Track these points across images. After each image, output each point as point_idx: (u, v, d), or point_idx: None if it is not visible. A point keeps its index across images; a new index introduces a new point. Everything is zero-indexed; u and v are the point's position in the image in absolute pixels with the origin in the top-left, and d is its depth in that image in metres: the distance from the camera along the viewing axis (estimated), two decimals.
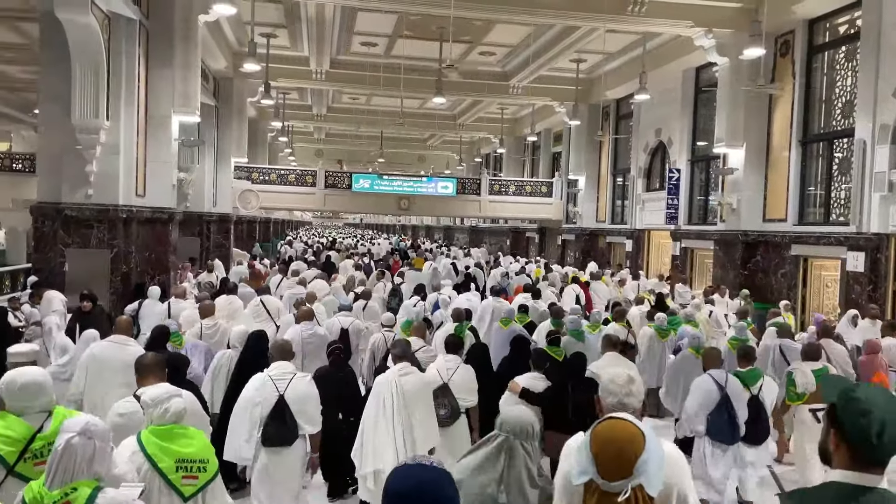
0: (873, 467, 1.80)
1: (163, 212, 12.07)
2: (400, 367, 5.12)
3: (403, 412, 4.93)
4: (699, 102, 17.20)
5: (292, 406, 4.61)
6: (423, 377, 5.29)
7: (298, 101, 27.17)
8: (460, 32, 17.54)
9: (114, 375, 5.38)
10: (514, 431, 2.99)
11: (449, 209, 24.87)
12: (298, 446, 4.76)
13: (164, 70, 12.01)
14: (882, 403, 1.80)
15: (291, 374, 4.77)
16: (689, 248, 17.09)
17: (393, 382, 4.99)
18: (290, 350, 5.08)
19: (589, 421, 2.89)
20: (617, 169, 21.58)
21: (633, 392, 2.63)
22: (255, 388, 4.69)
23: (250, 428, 4.60)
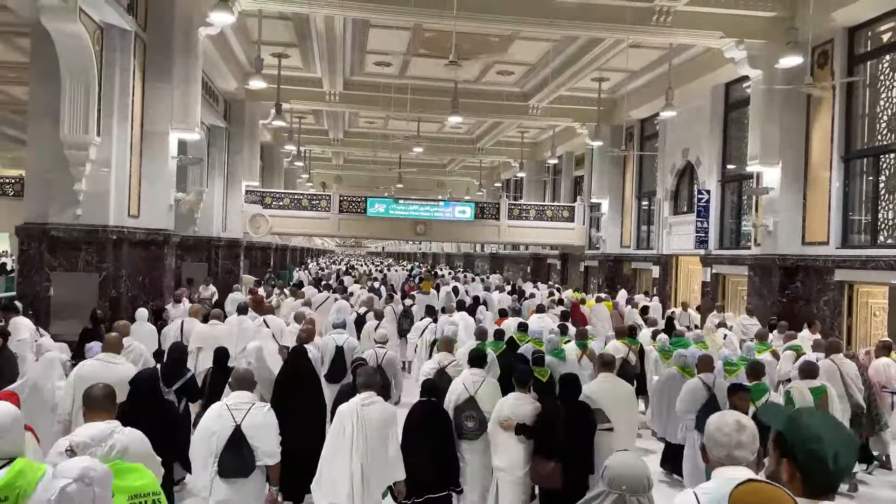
0: (825, 495, 1.79)
1: (158, 234, 11.40)
2: (364, 397, 4.89)
3: (364, 444, 4.73)
4: (729, 120, 16.28)
5: (249, 436, 4.43)
6: (387, 408, 5.03)
7: (315, 125, 26.71)
8: (477, 50, 16.91)
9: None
10: (631, 488, 2.74)
11: (467, 234, 24.05)
12: (256, 478, 4.54)
13: (161, 85, 11.44)
14: (830, 428, 1.81)
15: (249, 403, 4.58)
16: (721, 275, 16.03)
17: (355, 412, 4.79)
18: (250, 379, 4.82)
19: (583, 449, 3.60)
20: (642, 192, 20.63)
21: (743, 442, 2.30)
22: (212, 417, 4.54)
23: (206, 458, 4.44)
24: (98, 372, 5.34)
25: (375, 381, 5.10)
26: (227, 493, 4.45)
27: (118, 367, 5.56)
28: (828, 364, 7.33)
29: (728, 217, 16.21)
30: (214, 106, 17.50)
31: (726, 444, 2.30)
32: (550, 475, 5.08)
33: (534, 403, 5.37)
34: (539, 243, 25.99)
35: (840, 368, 7.25)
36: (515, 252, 33.36)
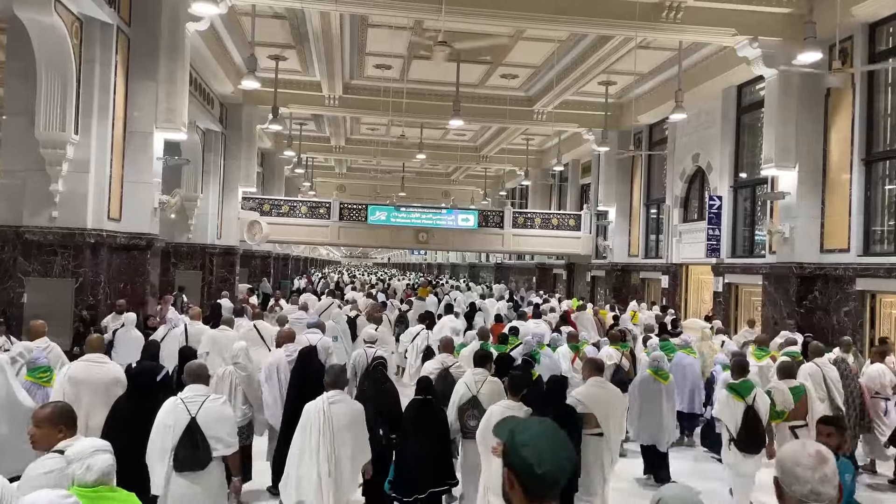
0: (546, 499, 1.78)
1: (140, 238, 10.83)
2: (330, 395, 4.93)
3: (330, 442, 4.75)
4: (742, 123, 15.65)
5: (205, 428, 4.41)
6: (354, 406, 5.05)
7: (316, 132, 26.21)
8: (479, 52, 16.36)
9: (93, 395, 5.48)
10: None
11: (470, 243, 23.43)
12: (213, 471, 4.51)
13: (146, 82, 10.92)
14: (541, 436, 1.82)
15: (204, 396, 4.59)
16: (734, 284, 15.35)
17: (321, 410, 4.82)
18: (204, 374, 4.82)
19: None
20: (650, 199, 19.98)
21: (828, 477, 2.05)
22: (167, 411, 4.49)
23: (162, 452, 4.40)
24: (87, 372, 5.61)
25: (342, 379, 5.12)
26: (184, 488, 4.40)
27: (106, 366, 5.75)
28: (811, 367, 7.58)
29: (741, 224, 15.54)
30: (209, 109, 17.01)
31: (808, 478, 2.04)
32: None
33: (524, 410, 5.09)
34: (544, 252, 25.33)
35: (823, 372, 7.51)
36: (520, 262, 32.73)
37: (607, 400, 5.68)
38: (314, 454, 4.72)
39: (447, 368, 6.80)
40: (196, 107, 16.03)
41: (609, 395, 5.79)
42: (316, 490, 4.67)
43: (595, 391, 5.74)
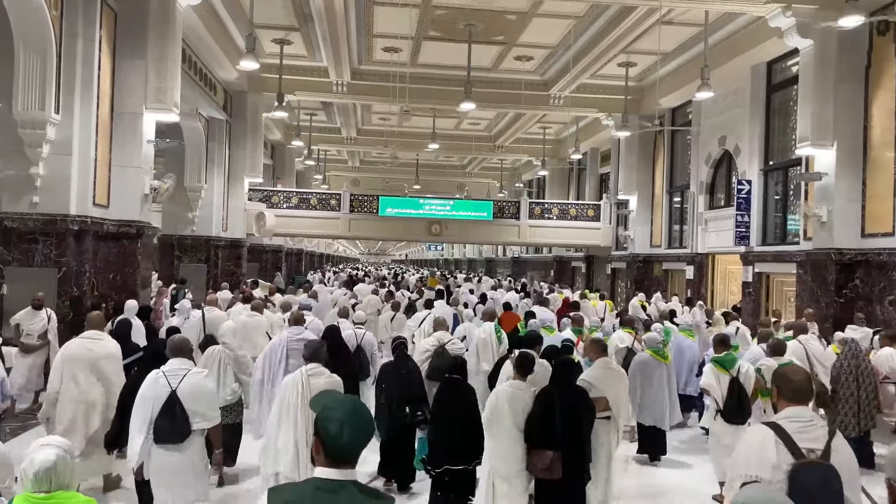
0: (344, 464, 2.13)
1: (130, 226, 10.19)
2: (309, 367, 4.98)
3: (308, 414, 4.63)
4: (772, 102, 14.68)
5: (185, 401, 4.45)
6: (332, 379, 4.99)
7: (326, 123, 25.55)
8: (492, 31, 15.56)
9: (87, 371, 5.68)
10: None
11: (485, 235, 22.64)
12: (193, 444, 4.52)
13: (134, 61, 10.27)
14: (343, 408, 2.18)
15: (185, 369, 4.61)
16: (765, 274, 14.41)
17: (300, 382, 4.83)
18: (185, 348, 4.83)
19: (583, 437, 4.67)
20: (673, 186, 19.05)
21: None
22: (149, 384, 4.54)
23: (142, 423, 4.45)
24: (83, 349, 5.78)
25: (322, 353, 5.14)
26: (164, 460, 4.44)
27: (102, 342, 5.90)
28: (794, 344, 7.65)
29: (772, 210, 14.59)
30: (212, 96, 16.39)
31: None
32: (550, 467, 4.82)
33: (530, 391, 5.05)
34: (562, 244, 24.47)
35: (806, 348, 7.66)
36: (538, 255, 31.86)
37: (615, 381, 5.67)
38: (292, 426, 4.75)
39: (443, 345, 7.28)
40: (197, 92, 15.43)
41: (616, 375, 5.79)
42: (293, 461, 4.70)
43: (604, 373, 5.68)
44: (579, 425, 5.01)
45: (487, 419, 5.02)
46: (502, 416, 4.91)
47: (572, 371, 5.37)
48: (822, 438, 2.91)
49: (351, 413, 2.17)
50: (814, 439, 2.90)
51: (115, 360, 5.87)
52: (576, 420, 4.97)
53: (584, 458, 5.07)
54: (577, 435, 4.97)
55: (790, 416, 2.98)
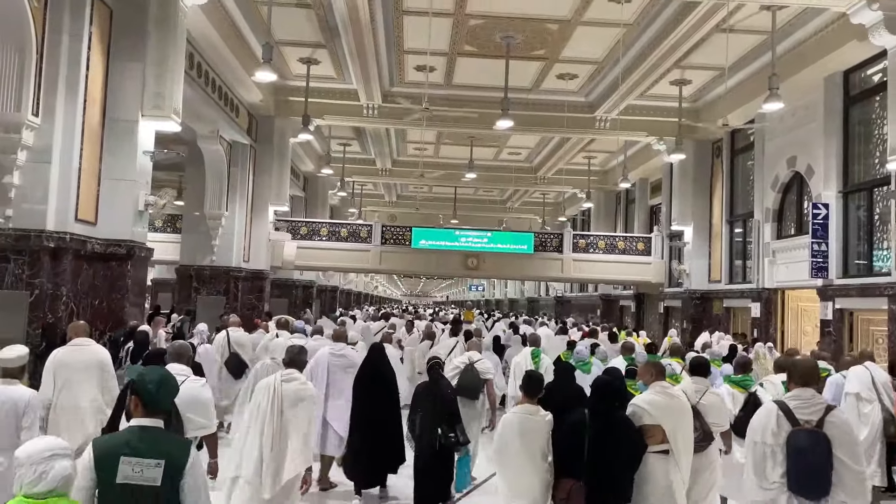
0: (156, 414, 2.94)
1: (120, 245, 9.04)
2: (284, 373, 5.00)
3: (278, 419, 4.76)
4: (850, 116, 12.99)
5: (181, 408, 4.26)
6: (306, 387, 5.04)
7: (360, 153, 24.60)
8: (531, 44, 14.31)
9: (81, 377, 5.82)
10: None
11: (525, 269, 21.06)
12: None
13: (131, 63, 9.28)
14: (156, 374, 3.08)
15: (184, 376, 4.55)
16: (847, 311, 12.51)
17: (272, 387, 4.86)
18: (185, 354, 4.90)
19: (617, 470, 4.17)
20: (734, 215, 17.28)
21: None
22: None
23: None
24: (71, 356, 5.90)
25: (300, 359, 5.19)
26: None
27: (90, 348, 6.04)
28: (860, 369, 7.41)
29: (855, 237, 12.76)
30: (234, 118, 15.46)
31: None
32: (570, 496, 4.40)
33: (541, 415, 4.71)
34: (609, 280, 22.69)
35: (872, 373, 7.37)
36: (583, 295, 30.07)
37: (675, 410, 4.76)
38: (259, 431, 4.73)
39: (472, 363, 7.51)
40: (218, 113, 14.53)
41: (677, 404, 4.83)
42: (255, 465, 4.66)
43: (661, 399, 4.76)
44: (615, 456, 4.37)
45: (495, 448, 4.76)
46: (509, 445, 4.56)
47: (610, 393, 4.69)
48: (819, 413, 3.74)
49: (162, 377, 3.07)
50: (811, 413, 3.74)
51: (105, 366, 6.04)
52: (610, 448, 4.37)
53: (619, 495, 4.42)
54: (610, 467, 4.36)
55: (794, 396, 3.86)
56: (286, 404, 4.78)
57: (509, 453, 4.56)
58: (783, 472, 3.72)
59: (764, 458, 3.80)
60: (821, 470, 3.65)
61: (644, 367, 5.26)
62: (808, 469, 3.67)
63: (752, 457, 3.85)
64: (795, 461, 3.69)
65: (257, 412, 4.79)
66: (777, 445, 3.75)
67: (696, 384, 5.50)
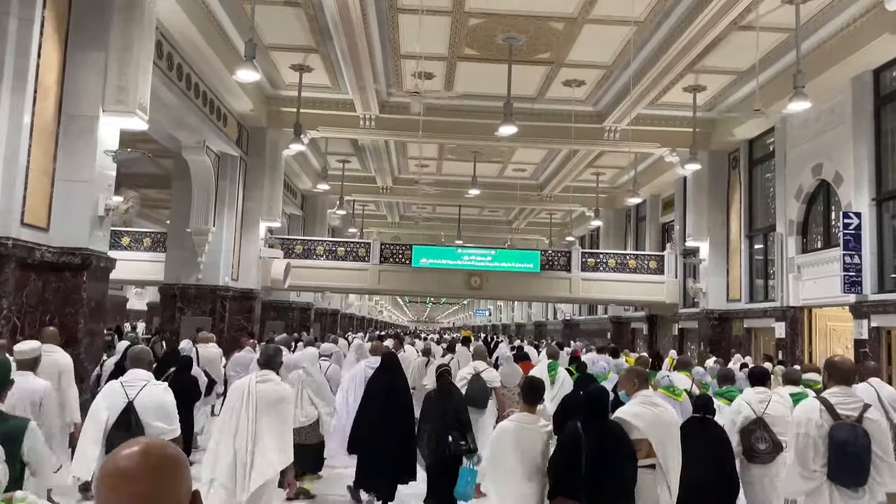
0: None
1: (74, 254, 8.08)
2: (259, 374, 4.92)
3: (252, 421, 4.67)
4: (882, 117, 12.01)
5: (141, 413, 4.29)
6: (282, 388, 4.97)
7: (360, 171, 23.76)
8: (536, 46, 13.46)
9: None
10: None
11: (531, 289, 20.00)
12: None
13: (91, 53, 8.40)
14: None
15: (144, 381, 4.47)
16: (884, 329, 11.40)
17: (247, 388, 4.80)
18: (145, 359, 4.72)
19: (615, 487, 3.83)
20: (754, 229, 16.23)
21: None
22: (106, 393, 4.47)
23: (95, 435, 4.32)
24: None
25: (276, 361, 5.11)
26: None
27: (53, 355, 6.08)
28: (864, 387, 7.10)
29: (890, 248, 11.68)
30: (221, 127, 14.61)
31: None
32: None
33: (540, 426, 4.28)
34: (620, 300, 21.58)
35: (878, 390, 7.11)
36: (592, 318, 28.94)
37: (662, 421, 4.38)
38: (233, 432, 4.66)
39: (479, 373, 7.71)
40: (203, 122, 13.68)
41: (663, 415, 4.43)
42: (230, 468, 4.60)
43: (645, 410, 4.39)
44: (617, 471, 4.03)
45: (488, 457, 4.44)
46: (503, 457, 4.17)
47: (600, 402, 4.29)
48: (858, 409, 4.03)
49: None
50: (851, 409, 4.03)
51: (64, 373, 6.18)
52: (611, 463, 4.05)
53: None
54: (613, 483, 4.01)
55: (834, 393, 4.13)
56: (261, 405, 4.71)
57: (503, 464, 4.21)
58: (824, 462, 3.99)
59: (806, 448, 4.05)
60: (860, 461, 3.92)
61: (626, 376, 4.80)
62: (849, 460, 3.93)
63: (796, 447, 4.11)
64: (837, 452, 3.95)
65: (231, 414, 4.73)
66: (820, 437, 4.02)
67: (758, 394, 5.49)
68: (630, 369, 5.04)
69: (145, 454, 1.27)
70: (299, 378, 6.98)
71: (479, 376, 7.58)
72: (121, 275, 18.85)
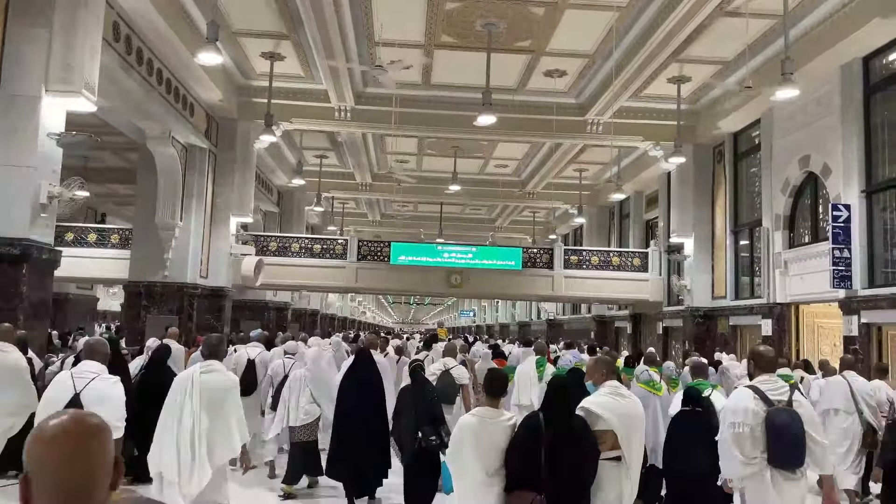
0: None
1: (12, 244, 7.46)
2: (204, 364, 4.80)
3: (196, 412, 4.54)
4: (872, 106, 11.64)
5: (87, 406, 4.15)
6: (228, 377, 4.87)
7: (339, 167, 23.17)
8: (516, 33, 12.98)
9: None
10: None
11: (513, 287, 19.50)
12: None
13: (33, 28, 7.79)
14: None
15: (95, 374, 4.45)
16: (874, 325, 11.02)
17: (191, 379, 4.65)
18: (101, 351, 4.70)
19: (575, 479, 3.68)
20: (739, 224, 15.85)
21: None
22: (56, 384, 4.47)
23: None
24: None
25: (220, 350, 5.04)
26: None
27: (11, 354, 5.99)
28: (838, 380, 7.40)
29: (881, 241, 11.31)
30: (187, 117, 13.99)
31: None
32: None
33: (503, 420, 4.04)
34: (603, 298, 21.14)
35: (850, 383, 7.26)
36: (576, 317, 28.54)
37: (628, 413, 4.19)
38: (175, 424, 4.55)
39: (448, 369, 7.77)
40: (169, 112, 13.07)
41: (629, 406, 4.25)
42: (173, 461, 4.47)
43: (612, 401, 4.21)
44: (577, 464, 3.92)
45: (448, 451, 4.22)
46: (464, 451, 3.98)
47: (563, 393, 4.15)
48: (787, 394, 4.16)
49: None
50: (780, 394, 4.16)
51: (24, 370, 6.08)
52: (571, 456, 3.91)
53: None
54: (572, 476, 3.89)
55: (763, 380, 4.24)
56: (206, 396, 4.60)
57: (464, 458, 4.01)
58: (763, 448, 4.09)
59: (744, 437, 4.13)
60: (799, 443, 4.05)
61: (593, 365, 4.61)
62: (789, 442, 4.04)
63: (732, 436, 4.16)
64: (778, 436, 4.04)
65: (173, 407, 4.61)
66: (756, 425, 4.11)
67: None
68: (598, 358, 4.79)
69: (71, 420, 1.37)
70: (301, 376, 7.22)
71: (448, 373, 7.65)
72: (87, 273, 18.38)
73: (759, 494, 4.16)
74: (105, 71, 10.69)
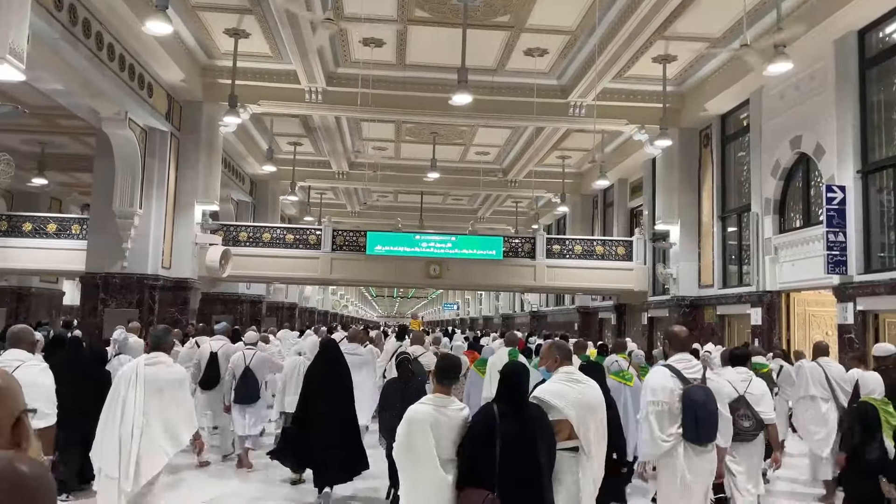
0: None
1: None
2: (148, 356, 4.67)
3: (140, 406, 4.42)
4: (868, 82, 11.05)
5: None
6: (174, 369, 4.74)
7: (314, 154, 22.35)
8: (494, 8, 12.27)
9: None
10: None
11: (494, 277, 18.83)
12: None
13: None
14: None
15: (20, 361, 4.30)
16: (870, 313, 10.46)
17: (135, 371, 4.54)
18: (26, 339, 4.58)
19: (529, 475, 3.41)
20: (727, 209, 15.28)
21: None
22: None
23: None
24: None
25: (166, 341, 4.92)
26: None
27: None
28: (813, 366, 7.35)
29: (877, 224, 10.74)
30: (146, 97, 13.14)
31: None
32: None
33: (459, 409, 3.70)
34: (587, 288, 20.52)
35: (825, 370, 7.25)
36: (559, 309, 27.96)
37: (583, 400, 3.82)
38: (118, 420, 4.42)
39: (416, 357, 8.06)
40: (123, 91, 12.23)
41: (586, 391, 3.88)
42: (114, 458, 4.35)
43: (566, 388, 3.85)
44: (533, 458, 3.51)
45: (397, 443, 3.64)
46: (416, 445, 3.49)
47: (516, 382, 3.71)
48: (700, 372, 4.37)
49: None
50: (695, 373, 4.35)
51: None
52: (527, 450, 3.52)
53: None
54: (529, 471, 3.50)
55: (677, 360, 4.43)
56: (150, 390, 4.48)
57: (413, 449, 3.61)
58: (679, 425, 4.22)
59: (663, 414, 4.25)
60: (714, 419, 4.22)
61: (546, 351, 4.27)
62: (707, 418, 4.19)
63: (650, 414, 4.28)
64: (696, 413, 4.17)
65: (116, 401, 4.48)
66: (673, 403, 4.25)
67: (739, 374, 5.51)
68: (551, 343, 4.48)
69: None
70: (298, 364, 7.49)
71: (417, 360, 7.90)
72: (47, 265, 17.48)
73: (671, 470, 4.26)
74: (48, 43, 9.92)
